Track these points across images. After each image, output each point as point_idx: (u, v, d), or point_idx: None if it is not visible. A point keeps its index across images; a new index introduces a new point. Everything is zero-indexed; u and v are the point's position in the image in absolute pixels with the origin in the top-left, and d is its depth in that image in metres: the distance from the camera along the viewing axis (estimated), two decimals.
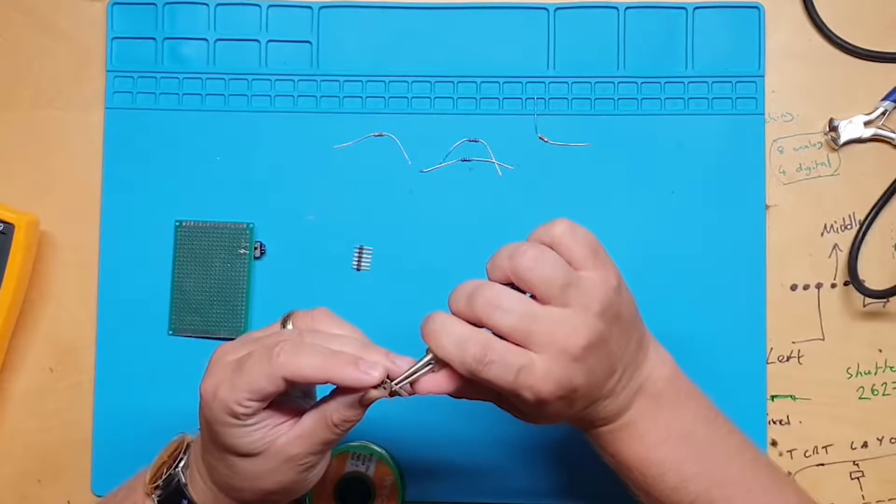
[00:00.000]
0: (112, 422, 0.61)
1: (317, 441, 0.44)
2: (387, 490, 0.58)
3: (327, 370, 0.42)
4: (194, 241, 0.62)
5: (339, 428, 0.44)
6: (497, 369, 0.42)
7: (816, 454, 0.61)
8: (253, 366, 0.43)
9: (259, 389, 0.42)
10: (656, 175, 0.61)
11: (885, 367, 0.61)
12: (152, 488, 0.48)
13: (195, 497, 0.47)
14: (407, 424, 0.61)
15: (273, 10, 0.63)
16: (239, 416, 0.43)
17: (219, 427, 0.44)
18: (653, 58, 0.62)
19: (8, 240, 0.59)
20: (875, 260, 0.61)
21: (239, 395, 0.42)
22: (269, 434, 0.44)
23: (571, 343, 0.42)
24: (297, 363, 0.42)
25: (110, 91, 0.63)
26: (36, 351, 0.62)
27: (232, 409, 0.43)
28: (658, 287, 0.60)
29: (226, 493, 0.47)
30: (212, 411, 0.43)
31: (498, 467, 0.61)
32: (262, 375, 0.42)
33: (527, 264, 0.42)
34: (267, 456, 0.44)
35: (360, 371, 0.42)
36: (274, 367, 0.42)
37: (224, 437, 0.44)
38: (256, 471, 0.45)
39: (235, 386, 0.43)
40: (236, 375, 0.43)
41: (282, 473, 0.45)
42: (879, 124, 0.61)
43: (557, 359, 0.42)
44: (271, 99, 0.62)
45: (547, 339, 0.42)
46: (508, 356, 0.42)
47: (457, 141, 0.62)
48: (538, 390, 0.42)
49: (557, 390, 0.43)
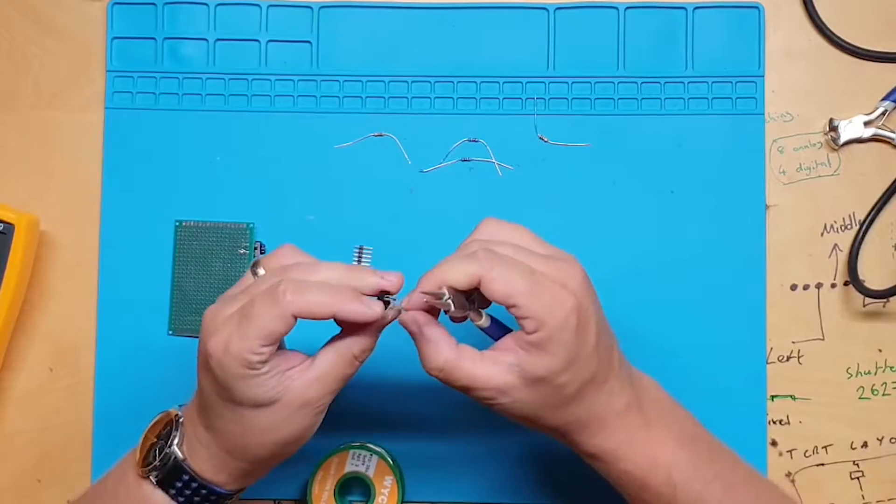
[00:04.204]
0: (112, 422, 0.61)
1: (335, 378, 0.45)
2: (387, 490, 0.58)
3: (335, 305, 0.43)
4: (194, 241, 0.62)
5: (359, 359, 0.46)
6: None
7: (816, 454, 0.61)
8: (260, 311, 0.43)
9: (271, 332, 0.43)
10: (656, 175, 0.61)
11: (885, 367, 0.61)
12: (146, 470, 0.47)
13: (197, 469, 0.47)
14: (407, 424, 0.61)
15: (273, 10, 0.63)
16: (254, 364, 0.43)
17: (233, 382, 0.44)
18: (653, 58, 0.62)
19: (8, 240, 0.59)
20: (875, 260, 0.61)
21: (251, 343, 0.43)
22: (283, 380, 0.44)
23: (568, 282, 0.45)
24: (305, 300, 0.43)
25: (110, 91, 0.63)
26: (36, 351, 0.62)
27: (246, 358, 0.43)
28: (658, 287, 0.60)
29: (235, 456, 0.47)
30: (224, 367, 0.44)
31: (498, 467, 0.61)
32: (271, 318, 0.43)
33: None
34: (283, 403, 0.44)
35: (365, 306, 0.44)
36: (283, 307, 0.43)
37: (239, 391, 0.44)
38: (272, 421, 0.45)
39: (246, 334, 0.43)
40: (245, 324, 0.43)
41: (297, 420, 0.45)
42: (879, 124, 0.61)
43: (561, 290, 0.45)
44: (271, 99, 0.62)
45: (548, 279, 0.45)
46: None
47: (457, 141, 0.62)
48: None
49: (571, 315, 0.44)
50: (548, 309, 0.43)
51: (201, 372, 0.46)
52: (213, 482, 0.47)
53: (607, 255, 0.61)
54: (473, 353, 0.46)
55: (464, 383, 0.45)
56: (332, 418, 0.60)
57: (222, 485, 0.48)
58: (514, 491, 0.61)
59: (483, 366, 0.45)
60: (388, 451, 0.60)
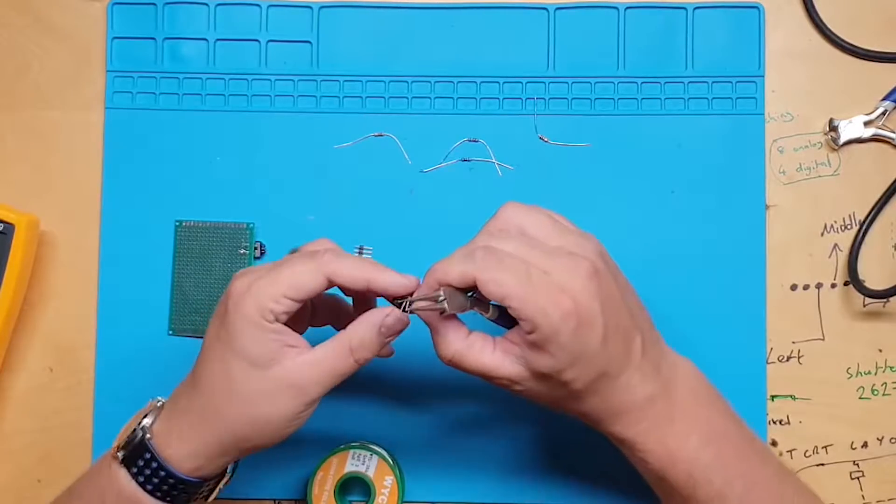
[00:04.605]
0: (112, 422, 0.61)
1: (328, 369, 0.46)
2: (387, 490, 0.58)
3: (368, 272, 0.45)
4: (194, 241, 0.62)
5: (356, 355, 0.46)
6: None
7: (816, 454, 0.61)
8: (296, 263, 0.45)
9: (300, 284, 0.44)
10: (656, 175, 0.61)
11: (885, 367, 0.61)
12: (116, 448, 0.48)
13: (161, 445, 0.47)
14: (407, 424, 0.61)
15: (273, 10, 0.63)
16: (268, 313, 0.44)
17: (241, 325, 0.44)
18: (653, 58, 0.62)
19: (8, 240, 0.59)
20: (875, 260, 0.61)
21: (277, 288, 0.44)
22: (281, 352, 0.45)
23: (581, 266, 0.44)
24: (341, 263, 0.45)
25: (110, 91, 0.63)
26: (36, 351, 0.62)
27: (265, 304, 0.44)
28: (658, 287, 0.60)
29: (207, 424, 0.47)
30: (240, 307, 0.44)
31: (498, 467, 0.61)
32: (305, 270, 0.44)
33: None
34: (273, 375, 0.45)
35: (403, 277, 0.45)
36: (319, 264, 0.45)
37: (241, 337, 0.45)
38: (257, 390, 0.45)
39: (275, 279, 0.44)
40: (275, 271, 0.45)
41: (279, 402, 0.45)
42: (879, 124, 0.61)
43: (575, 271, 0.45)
44: (271, 99, 0.62)
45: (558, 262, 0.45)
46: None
47: (457, 141, 0.62)
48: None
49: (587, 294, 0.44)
50: (542, 312, 0.43)
51: (212, 320, 0.47)
52: (172, 462, 0.47)
53: None
54: (484, 342, 0.46)
55: (475, 372, 0.46)
56: (332, 418, 0.61)
57: (180, 466, 0.47)
58: (514, 491, 0.61)
59: (493, 357, 0.46)
60: (388, 451, 0.60)
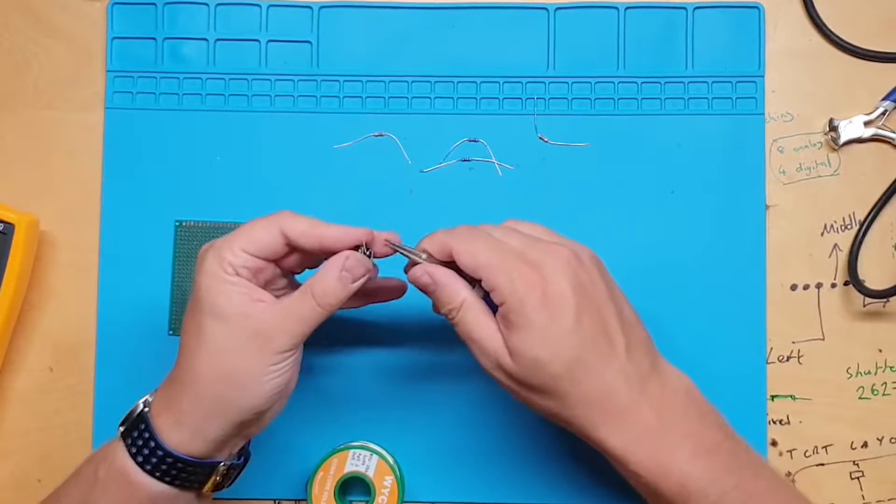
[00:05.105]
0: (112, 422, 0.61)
1: (293, 315, 0.47)
2: (387, 490, 0.58)
3: (320, 225, 0.48)
4: (194, 241, 0.62)
5: (319, 299, 0.47)
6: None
7: (816, 454, 0.61)
8: (255, 221, 0.48)
9: (257, 238, 0.47)
10: (656, 175, 0.61)
11: (885, 367, 0.61)
12: (120, 424, 0.50)
13: (154, 414, 0.48)
14: (407, 424, 0.61)
15: (273, 10, 0.63)
16: (226, 266, 0.47)
17: (204, 280, 0.47)
18: (653, 58, 0.62)
19: (8, 240, 0.59)
20: (875, 260, 0.61)
21: (236, 243, 0.47)
22: (247, 304, 0.47)
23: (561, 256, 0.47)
24: (295, 219, 0.48)
25: (110, 91, 0.63)
26: (36, 351, 0.62)
27: (224, 256, 0.47)
28: (658, 287, 0.61)
29: (187, 388, 0.47)
30: (203, 263, 0.47)
31: (498, 467, 0.61)
32: (261, 226, 0.47)
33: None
34: (239, 326, 0.46)
35: (350, 227, 0.48)
36: (274, 219, 0.48)
37: (204, 290, 0.47)
38: (225, 344, 0.46)
39: (234, 235, 0.47)
40: (237, 231, 0.48)
41: (246, 352, 0.46)
42: (879, 124, 0.61)
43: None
44: (271, 99, 0.62)
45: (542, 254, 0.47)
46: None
47: (457, 141, 0.62)
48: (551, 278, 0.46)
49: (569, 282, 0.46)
50: (511, 284, 0.46)
51: (194, 277, 0.49)
52: (162, 433, 0.48)
53: (607, 255, 0.60)
54: (488, 307, 0.49)
55: (470, 330, 0.48)
56: (332, 418, 0.61)
57: (168, 437, 0.48)
58: (514, 491, 0.61)
59: (490, 322, 0.48)
60: (388, 451, 0.60)
